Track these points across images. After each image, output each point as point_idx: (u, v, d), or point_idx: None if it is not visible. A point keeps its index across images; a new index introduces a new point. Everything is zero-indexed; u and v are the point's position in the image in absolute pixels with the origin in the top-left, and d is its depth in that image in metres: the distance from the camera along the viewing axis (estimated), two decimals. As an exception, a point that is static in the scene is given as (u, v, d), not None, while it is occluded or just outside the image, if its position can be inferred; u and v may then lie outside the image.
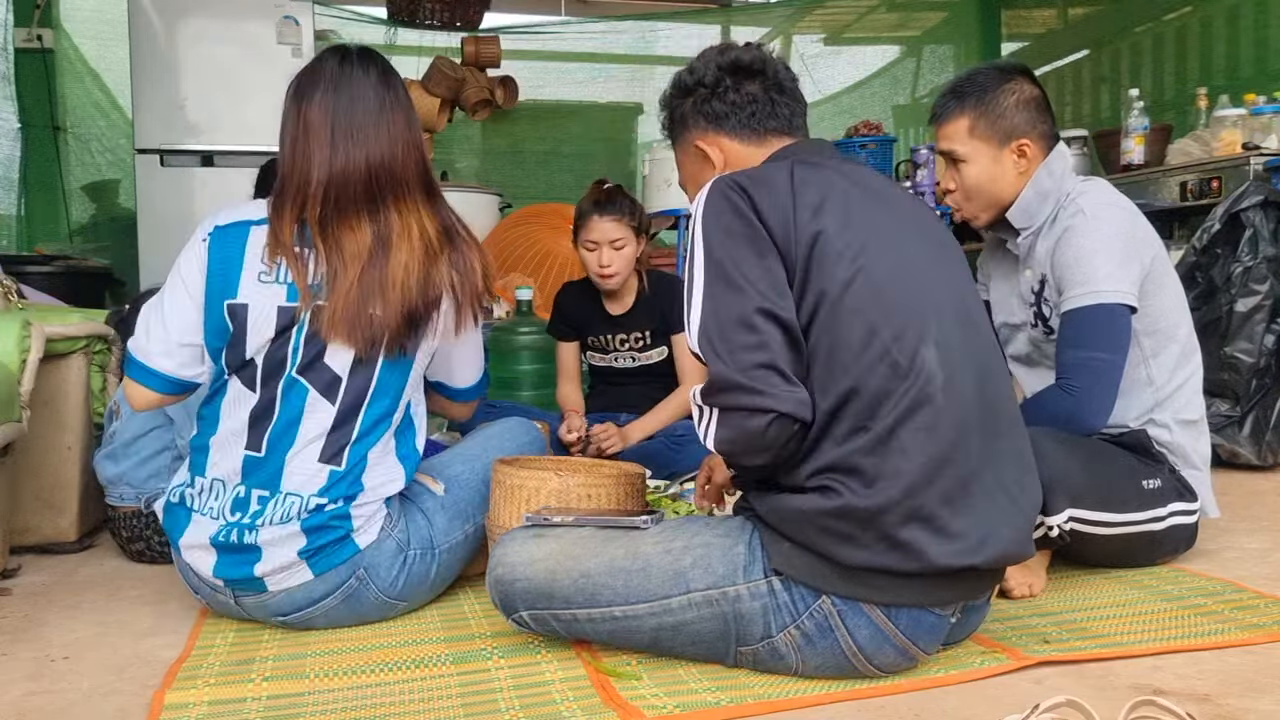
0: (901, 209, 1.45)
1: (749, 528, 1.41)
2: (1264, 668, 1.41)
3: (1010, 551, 1.36)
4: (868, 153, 4.51)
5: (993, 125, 1.89)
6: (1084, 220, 1.83)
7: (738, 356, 1.29)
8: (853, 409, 1.29)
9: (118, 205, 5.00)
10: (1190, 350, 1.94)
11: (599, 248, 2.62)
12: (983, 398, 1.36)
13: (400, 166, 1.63)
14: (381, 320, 1.57)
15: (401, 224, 1.61)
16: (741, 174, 1.41)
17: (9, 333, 2.02)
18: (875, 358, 1.30)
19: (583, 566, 1.43)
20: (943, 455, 1.29)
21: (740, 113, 1.53)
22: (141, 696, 1.40)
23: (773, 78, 1.54)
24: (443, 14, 5.55)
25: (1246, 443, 2.83)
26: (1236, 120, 3.65)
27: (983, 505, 1.32)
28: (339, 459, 1.60)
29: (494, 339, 3.62)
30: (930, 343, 1.32)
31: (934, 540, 1.29)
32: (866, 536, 1.29)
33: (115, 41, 4.72)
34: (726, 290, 1.32)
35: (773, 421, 1.27)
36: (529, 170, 5.77)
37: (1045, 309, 1.93)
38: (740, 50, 1.56)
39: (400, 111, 1.66)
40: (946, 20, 6.27)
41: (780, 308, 1.31)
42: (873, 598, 1.31)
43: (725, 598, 1.36)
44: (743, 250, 1.33)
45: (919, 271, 1.38)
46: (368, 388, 1.61)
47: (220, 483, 1.63)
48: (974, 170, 1.92)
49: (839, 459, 1.29)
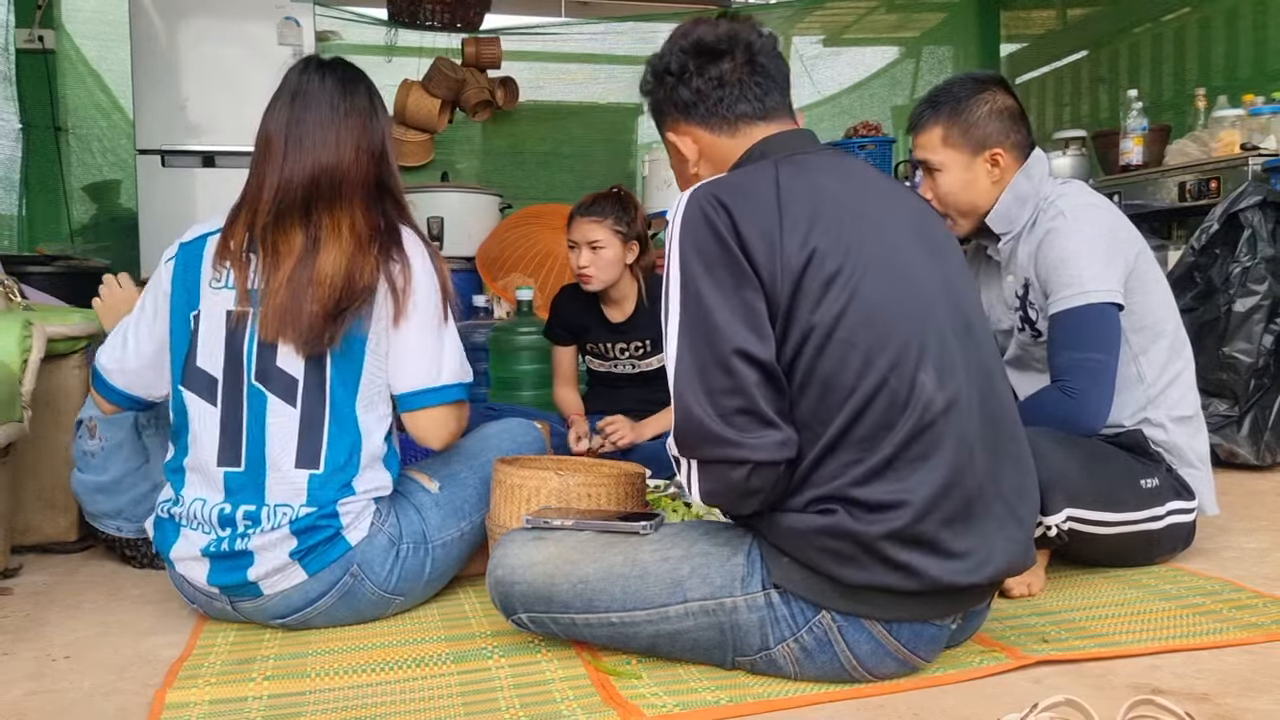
0: (895, 206, 1.39)
1: (749, 539, 1.39)
2: (1262, 667, 1.41)
3: (1012, 564, 1.35)
4: (867, 153, 4.52)
5: (965, 134, 1.91)
6: (1065, 222, 1.84)
7: (716, 401, 1.25)
8: (850, 441, 1.26)
9: (119, 205, 5.00)
10: (1180, 345, 1.94)
11: (578, 248, 2.65)
12: (985, 411, 1.34)
13: (347, 171, 1.66)
14: (311, 314, 1.59)
15: (333, 222, 1.63)
16: (722, 184, 1.33)
17: (10, 333, 2.02)
18: (872, 389, 1.25)
19: (581, 572, 1.42)
20: (946, 481, 1.27)
21: (706, 100, 1.42)
22: (143, 696, 1.40)
23: (743, 55, 1.41)
24: (443, 15, 5.55)
25: (1245, 442, 2.84)
26: (1235, 121, 3.66)
27: (982, 522, 1.31)
28: (315, 462, 1.60)
29: (494, 339, 3.62)
30: (929, 367, 1.28)
31: (936, 562, 1.28)
32: (866, 559, 1.27)
33: (116, 42, 4.72)
34: (702, 331, 1.26)
35: (753, 471, 1.25)
36: (529, 171, 5.77)
37: (1031, 312, 1.94)
38: (705, 28, 1.43)
39: (356, 116, 1.68)
40: (946, 21, 6.27)
41: (757, 348, 1.25)
42: (874, 614, 1.30)
43: (722, 609, 1.35)
44: (719, 283, 1.26)
45: (916, 285, 1.32)
46: (324, 385, 1.61)
47: (201, 501, 1.64)
48: (947, 179, 1.93)
49: (837, 489, 1.27)
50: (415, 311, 1.65)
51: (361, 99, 1.71)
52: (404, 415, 1.71)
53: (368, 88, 1.73)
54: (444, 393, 1.69)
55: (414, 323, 1.65)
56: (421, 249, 1.70)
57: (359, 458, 1.63)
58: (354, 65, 1.76)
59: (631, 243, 2.67)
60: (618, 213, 2.65)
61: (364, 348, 1.64)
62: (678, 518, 1.95)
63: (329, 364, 1.62)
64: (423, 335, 1.67)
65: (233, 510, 1.61)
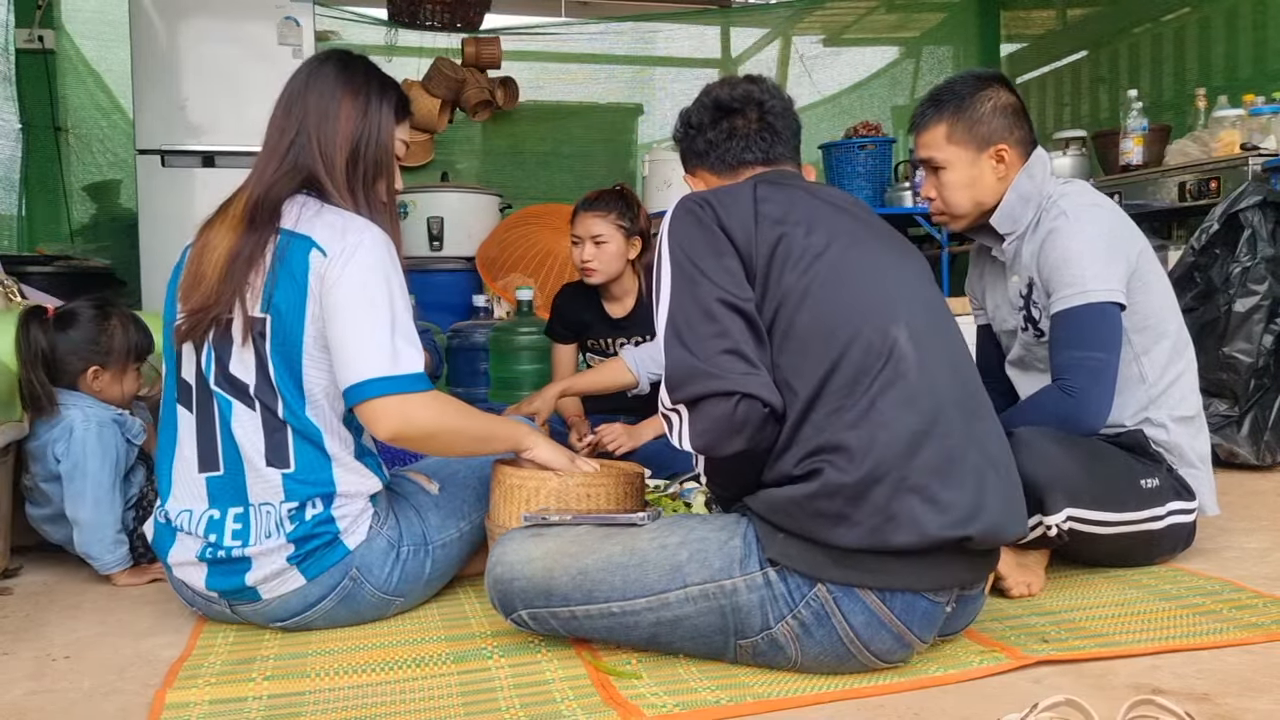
0: (863, 218, 1.52)
1: (744, 522, 1.42)
2: (1262, 667, 1.41)
3: (1002, 524, 1.37)
4: (867, 153, 4.52)
5: (970, 131, 1.91)
6: (1067, 222, 1.84)
7: (703, 345, 1.35)
8: (831, 390, 1.34)
9: (119, 206, 5.00)
10: (1182, 346, 1.94)
11: (582, 242, 2.68)
12: (958, 378, 1.42)
13: (296, 159, 1.64)
14: (191, 309, 1.59)
15: (239, 212, 1.62)
16: (706, 192, 1.50)
17: (10, 333, 2.02)
18: (848, 338, 1.35)
19: (580, 563, 1.44)
20: (923, 427, 1.33)
21: (716, 150, 1.61)
22: (143, 696, 1.40)
23: (755, 113, 1.60)
24: (443, 15, 5.56)
25: (1245, 442, 2.84)
26: (1235, 121, 3.66)
27: (972, 479, 1.35)
28: (285, 462, 1.59)
29: (494, 339, 3.63)
30: (901, 324, 1.38)
31: (926, 510, 1.31)
32: (859, 513, 1.31)
33: (116, 42, 4.72)
34: (688, 285, 1.40)
35: (739, 402, 1.32)
36: (529, 171, 5.77)
37: (1034, 311, 1.94)
38: (724, 89, 1.62)
39: (300, 109, 1.65)
40: (945, 21, 6.27)
41: (739, 299, 1.38)
42: (866, 581, 1.33)
43: (722, 591, 1.37)
44: (702, 250, 1.41)
45: (885, 268, 1.45)
46: (273, 387, 1.58)
47: (188, 513, 1.64)
48: (953, 176, 1.93)
49: (823, 441, 1.33)
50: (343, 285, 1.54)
51: (322, 85, 1.66)
52: (363, 415, 1.56)
53: (328, 71, 1.67)
54: (364, 388, 1.53)
55: (338, 298, 1.54)
56: (344, 240, 1.56)
57: (328, 458, 1.60)
58: (349, 55, 1.72)
59: (634, 238, 2.71)
60: (621, 208, 2.68)
61: (300, 354, 1.57)
62: (678, 518, 1.95)
63: (271, 367, 1.58)
64: (353, 317, 1.54)
65: (221, 516, 1.61)
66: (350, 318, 1.54)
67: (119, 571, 1.97)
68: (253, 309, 1.57)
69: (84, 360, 2.04)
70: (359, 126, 1.65)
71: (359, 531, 1.63)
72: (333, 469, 1.60)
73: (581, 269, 2.71)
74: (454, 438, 1.62)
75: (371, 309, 1.55)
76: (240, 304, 1.57)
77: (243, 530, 1.60)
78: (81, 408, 2.00)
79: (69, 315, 2.06)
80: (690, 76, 6.09)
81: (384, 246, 1.60)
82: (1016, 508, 1.42)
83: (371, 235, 1.59)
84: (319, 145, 1.64)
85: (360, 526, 1.63)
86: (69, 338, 2.03)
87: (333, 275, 1.55)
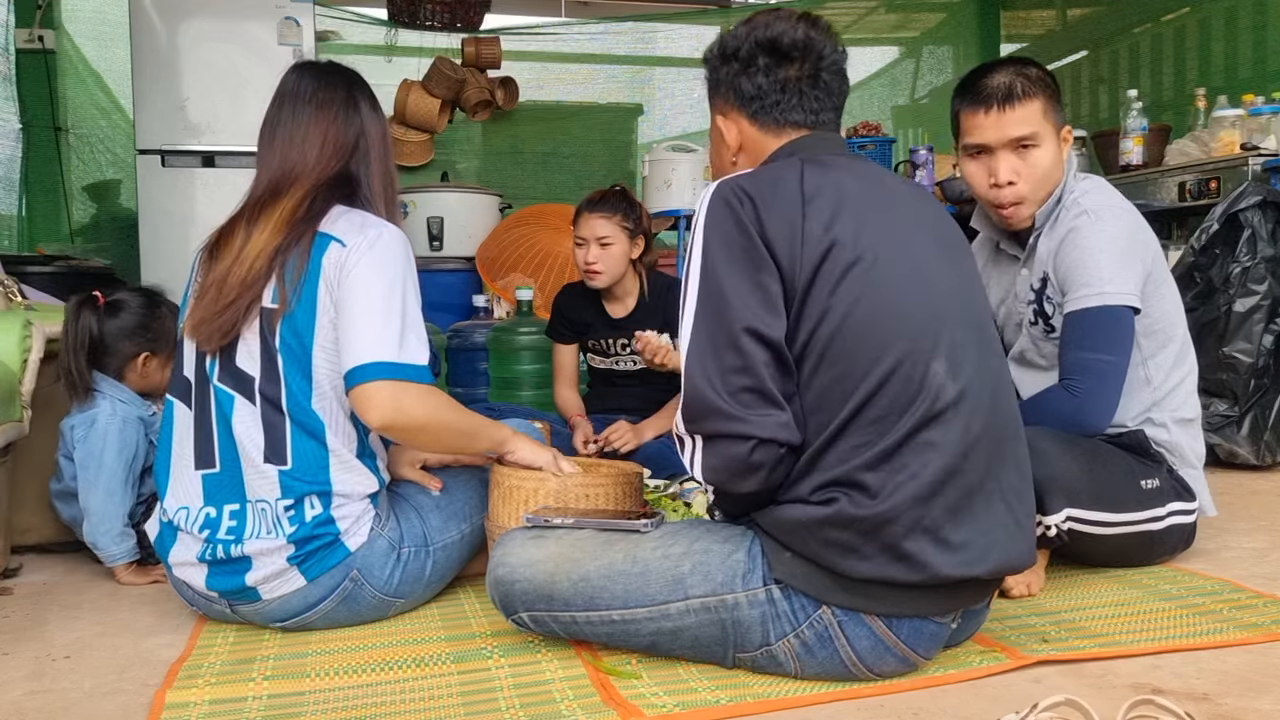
0: (913, 208, 1.43)
1: (749, 535, 1.39)
2: (1262, 667, 1.41)
3: (1011, 559, 1.35)
4: (867, 154, 4.52)
5: (1056, 109, 1.84)
6: (1088, 221, 1.82)
7: (725, 378, 1.29)
8: (860, 423, 1.28)
9: (119, 205, 5.00)
10: (1186, 350, 1.94)
11: (587, 244, 2.66)
12: (992, 410, 1.35)
13: (307, 165, 1.66)
14: (217, 311, 1.60)
15: (266, 219, 1.63)
16: (748, 179, 1.37)
17: (10, 332, 2.02)
18: (887, 372, 1.28)
19: (582, 570, 1.43)
20: (950, 469, 1.28)
21: (765, 99, 1.46)
22: (143, 696, 1.40)
23: (810, 67, 1.45)
24: (443, 15, 5.56)
25: (1244, 442, 2.84)
26: (1235, 121, 3.66)
27: (983, 515, 1.32)
28: (283, 459, 1.59)
29: (494, 339, 3.63)
30: (941, 357, 1.31)
31: (938, 552, 1.28)
32: (869, 548, 1.28)
33: (116, 42, 4.72)
34: (716, 309, 1.31)
35: (756, 447, 1.27)
36: (529, 171, 5.77)
37: (1047, 307, 1.91)
38: (784, 26, 1.44)
39: (327, 110, 1.68)
40: (946, 21, 6.27)
41: (768, 326, 1.29)
42: (874, 609, 1.31)
43: (723, 605, 1.35)
44: (738, 265, 1.31)
45: (931, 280, 1.36)
46: (279, 382, 1.59)
47: (185, 510, 1.64)
48: (1046, 156, 1.84)
49: (844, 473, 1.28)
50: (357, 271, 1.58)
51: (335, 93, 1.70)
52: (355, 402, 1.57)
53: (348, 83, 1.73)
54: (364, 371, 1.53)
55: (352, 283, 1.57)
56: (364, 234, 1.60)
57: (327, 455, 1.60)
58: (340, 65, 1.78)
59: (637, 238, 2.69)
60: (625, 209, 2.67)
61: (311, 343, 1.59)
62: (678, 518, 1.95)
63: (280, 361, 1.59)
64: (364, 301, 1.57)
65: (218, 514, 1.61)
66: (364, 306, 1.57)
67: (122, 565, 1.98)
68: (266, 300, 1.61)
69: (136, 346, 2.09)
70: (376, 134, 1.74)
71: (360, 533, 1.63)
72: (330, 468, 1.60)
73: (586, 271, 2.68)
74: (442, 432, 1.63)
75: (385, 298, 1.57)
76: (257, 298, 1.61)
77: (238, 527, 1.60)
78: (112, 399, 2.03)
79: (120, 303, 2.11)
80: (690, 76, 6.08)
81: (401, 243, 1.64)
82: (1027, 537, 1.38)
83: (390, 231, 1.64)
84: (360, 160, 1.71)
85: (361, 528, 1.63)
86: (121, 323, 2.08)
87: (350, 263, 1.59)
